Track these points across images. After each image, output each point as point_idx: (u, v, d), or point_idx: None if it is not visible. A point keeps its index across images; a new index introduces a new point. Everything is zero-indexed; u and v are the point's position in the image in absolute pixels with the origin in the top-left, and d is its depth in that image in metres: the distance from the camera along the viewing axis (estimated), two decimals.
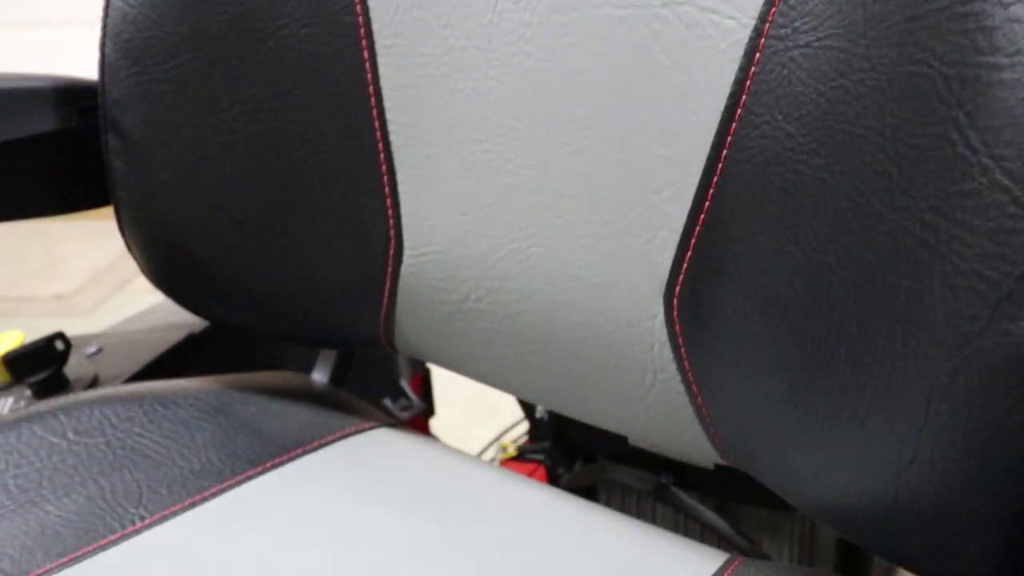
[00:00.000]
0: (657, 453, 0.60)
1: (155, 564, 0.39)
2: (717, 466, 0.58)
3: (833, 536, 0.57)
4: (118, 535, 0.40)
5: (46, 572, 0.38)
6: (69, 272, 2.13)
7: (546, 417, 0.67)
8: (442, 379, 0.90)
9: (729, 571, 0.40)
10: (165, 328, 0.62)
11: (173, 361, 0.59)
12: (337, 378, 0.58)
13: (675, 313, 0.38)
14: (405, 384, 0.76)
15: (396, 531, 0.42)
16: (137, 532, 0.41)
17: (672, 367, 0.39)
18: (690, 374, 0.39)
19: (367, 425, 0.52)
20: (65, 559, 0.39)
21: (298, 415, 0.51)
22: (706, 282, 0.37)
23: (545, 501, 0.46)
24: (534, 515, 0.44)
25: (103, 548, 0.40)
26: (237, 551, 0.40)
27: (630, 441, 0.61)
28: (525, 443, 0.73)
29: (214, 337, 0.62)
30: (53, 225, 2.46)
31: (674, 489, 0.59)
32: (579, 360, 0.42)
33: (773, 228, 0.33)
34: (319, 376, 0.58)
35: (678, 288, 0.38)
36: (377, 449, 0.49)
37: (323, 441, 0.49)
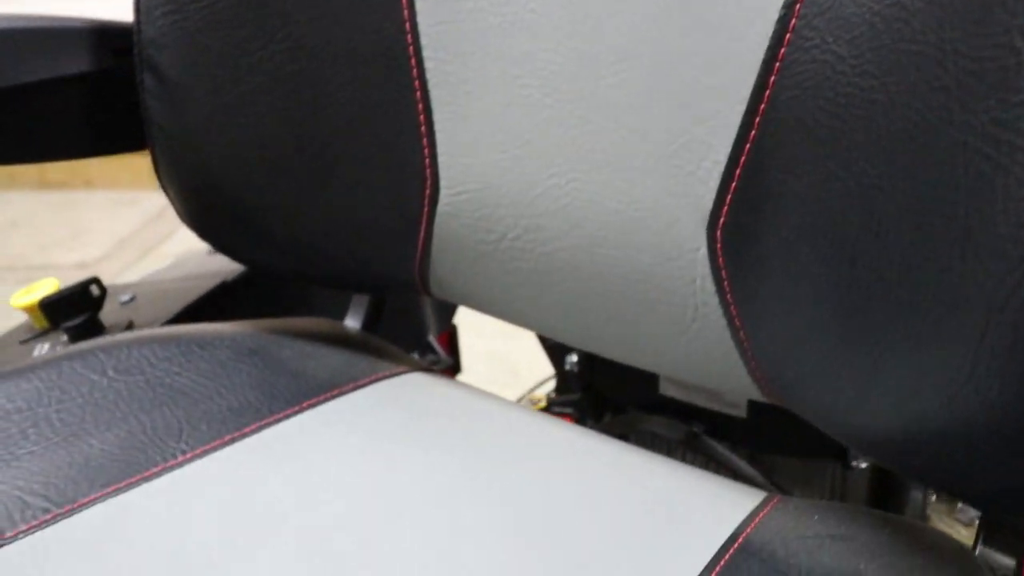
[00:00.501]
0: (688, 402, 0.60)
1: (198, 494, 0.39)
2: (749, 414, 0.58)
3: (865, 483, 0.57)
4: (160, 467, 0.41)
5: (92, 501, 0.38)
6: (92, 241, 2.15)
7: (576, 369, 0.67)
8: (463, 341, 0.90)
9: (768, 508, 0.40)
10: (197, 277, 0.62)
11: (206, 308, 0.59)
12: (369, 326, 0.58)
13: (718, 245, 0.38)
14: (432, 339, 0.76)
15: (432, 468, 0.42)
16: (179, 465, 0.41)
17: (714, 301, 0.39)
18: (732, 307, 0.38)
19: (401, 369, 0.52)
20: (110, 489, 0.39)
21: (333, 358, 0.51)
22: (751, 212, 0.36)
23: (582, 442, 0.46)
24: (571, 455, 0.44)
25: (147, 479, 0.40)
26: (277, 483, 0.40)
27: (661, 390, 0.61)
28: (553, 397, 0.73)
29: (247, 285, 0.62)
30: (75, 195, 2.48)
31: (705, 438, 0.59)
32: (618, 297, 0.42)
33: (821, 154, 0.33)
34: (351, 323, 0.58)
35: (722, 220, 0.37)
36: (412, 391, 0.50)
37: (358, 383, 0.49)
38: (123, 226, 2.24)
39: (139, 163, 2.47)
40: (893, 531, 0.37)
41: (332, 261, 0.50)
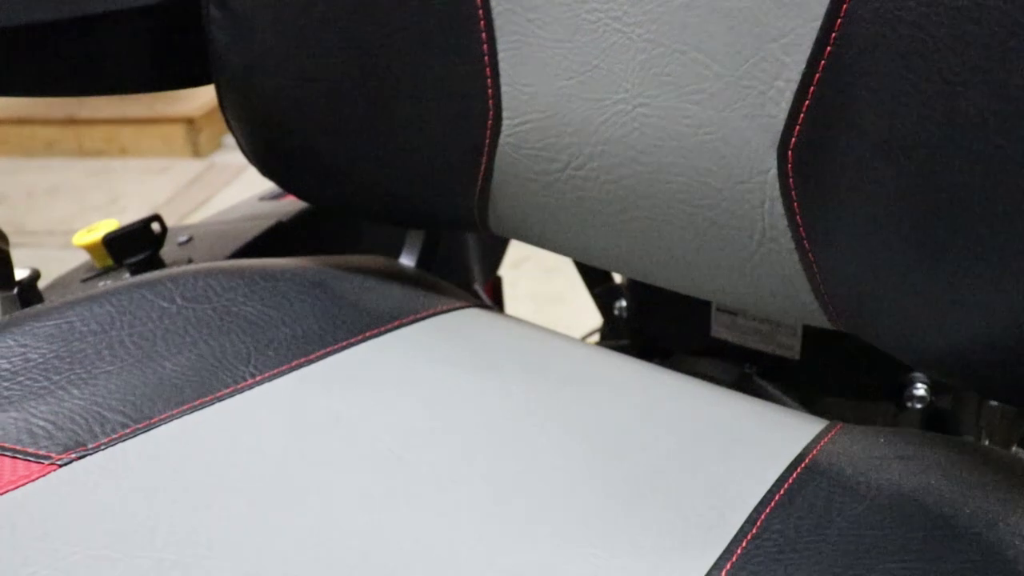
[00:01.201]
0: (740, 344, 0.60)
1: (267, 414, 0.40)
2: (803, 355, 0.58)
3: (918, 425, 0.57)
4: (231, 388, 0.42)
5: (167, 418, 0.39)
6: (129, 207, 2.18)
7: (624, 315, 0.67)
8: (505, 295, 0.90)
9: (832, 433, 0.40)
10: (253, 218, 0.63)
11: (262, 248, 0.60)
12: (423, 264, 0.58)
13: (789, 166, 0.38)
14: (479, 288, 0.77)
15: (495, 394, 0.43)
16: (248, 387, 0.42)
17: (783, 223, 0.39)
18: (802, 229, 0.38)
19: (459, 304, 0.52)
20: (184, 407, 0.40)
21: (391, 292, 0.52)
22: (825, 131, 0.36)
23: (644, 372, 0.46)
24: (633, 383, 0.45)
25: (218, 399, 0.41)
26: (344, 406, 0.41)
27: (712, 333, 0.61)
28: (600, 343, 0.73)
29: (302, 226, 0.63)
30: (112, 163, 2.51)
31: (758, 379, 0.59)
32: (682, 224, 0.42)
33: (901, 66, 0.33)
34: (406, 261, 0.58)
35: (794, 140, 0.37)
36: (472, 325, 0.50)
37: (418, 316, 0.50)
38: (158, 193, 2.26)
39: (172, 132, 2.50)
40: (961, 452, 0.37)
41: (392, 196, 0.51)
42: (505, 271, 0.86)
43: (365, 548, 0.32)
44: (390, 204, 0.51)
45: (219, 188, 2.24)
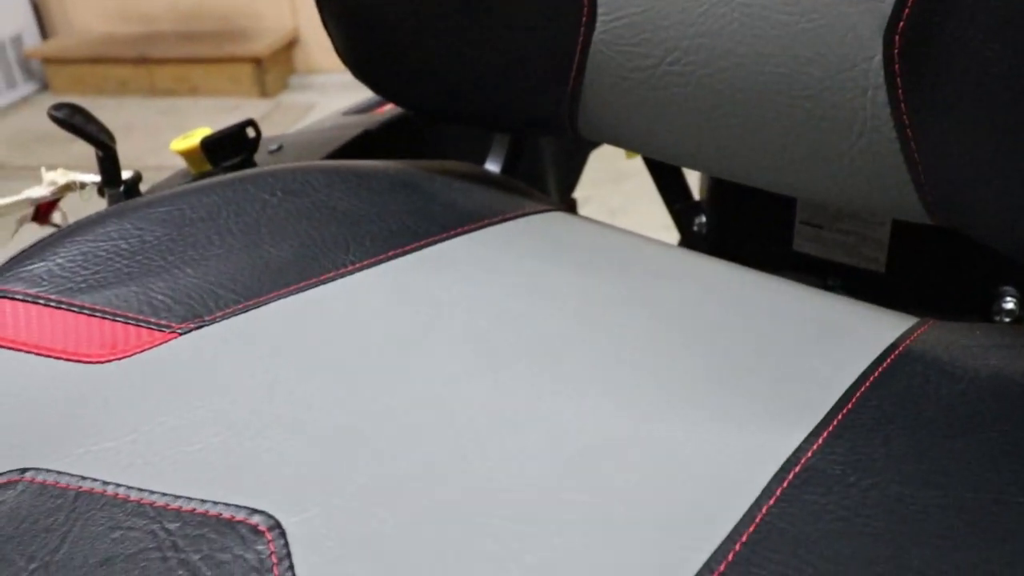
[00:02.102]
0: (824, 257, 0.60)
1: (367, 297, 0.42)
2: (887, 268, 0.57)
3: None
4: (332, 273, 0.43)
5: (274, 297, 0.41)
6: None
7: (703, 231, 0.67)
8: None
9: (926, 327, 0.40)
10: (341, 127, 0.65)
11: (350, 155, 0.62)
12: (508, 170, 0.59)
13: (895, 51, 0.37)
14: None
15: (584, 285, 0.43)
16: (348, 273, 0.44)
17: (885, 113, 0.39)
18: (905, 117, 0.38)
19: (548, 207, 0.53)
20: (289, 288, 0.42)
21: (480, 194, 0.53)
22: (935, 13, 0.35)
23: (732, 271, 0.47)
24: (723, 280, 0.45)
25: (321, 283, 0.43)
26: (439, 291, 0.42)
27: (795, 247, 0.61)
28: None
29: (389, 134, 0.64)
30: (182, 102, 2.56)
31: (842, 293, 0.59)
32: (779, 118, 0.42)
33: None
34: (491, 167, 0.59)
35: (901, 24, 0.37)
36: (561, 226, 0.51)
37: (506, 216, 0.51)
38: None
39: (241, 72, 2.53)
40: None
41: (483, 97, 0.52)
42: None
43: (457, 414, 0.34)
44: (481, 106, 0.52)
45: (286, 127, 2.27)
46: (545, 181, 0.78)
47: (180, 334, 0.39)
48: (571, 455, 0.31)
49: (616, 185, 1.66)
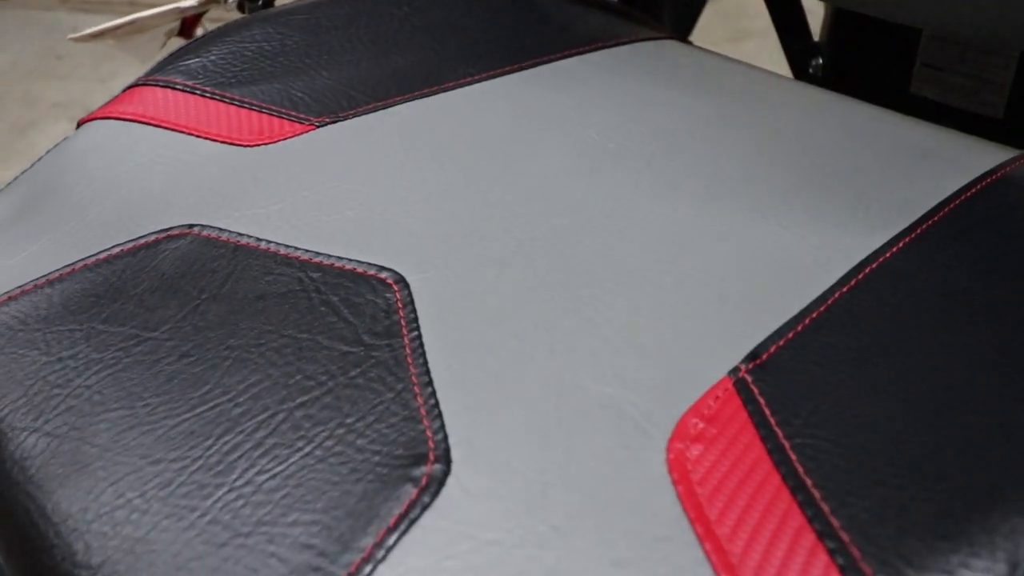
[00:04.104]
0: (941, 101, 0.59)
1: (487, 104, 0.45)
2: (1006, 113, 0.56)
3: None
4: (454, 83, 0.46)
5: (401, 100, 0.45)
6: None
7: (820, 72, 0.66)
8: None
9: (1023, 161, 0.40)
10: None
11: None
12: (627, 2, 0.60)
13: None
14: None
15: (695, 105, 0.45)
16: (469, 83, 0.47)
17: None
18: None
19: (663, 35, 0.54)
20: (415, 93, 0.45)
21: (597, 18, 0.54)
22: None
23: (842, 102, 0.47)
24: (829, 110, 0.46)
25: (444, 90, 0.46)
26: (554, 104, 0.45)
27: (913, 90, 0.60)
28: None
29: None
30: None
31: None
32: None
33: None
34: None
35: None
36: (674, 53, 0.52)
37: (621, 40, 0.52)
38: None
39: None
40: None
41: None
42: None
43: (561, 207, 0.37)
44: None
45: None
46: (661, 18, 0.78)
47: (317, 127, 0.43)
48: (660, 246, 0.34)
49: (735, 44, 1.60)
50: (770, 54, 0.68)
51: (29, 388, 0.32)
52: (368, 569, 0.24)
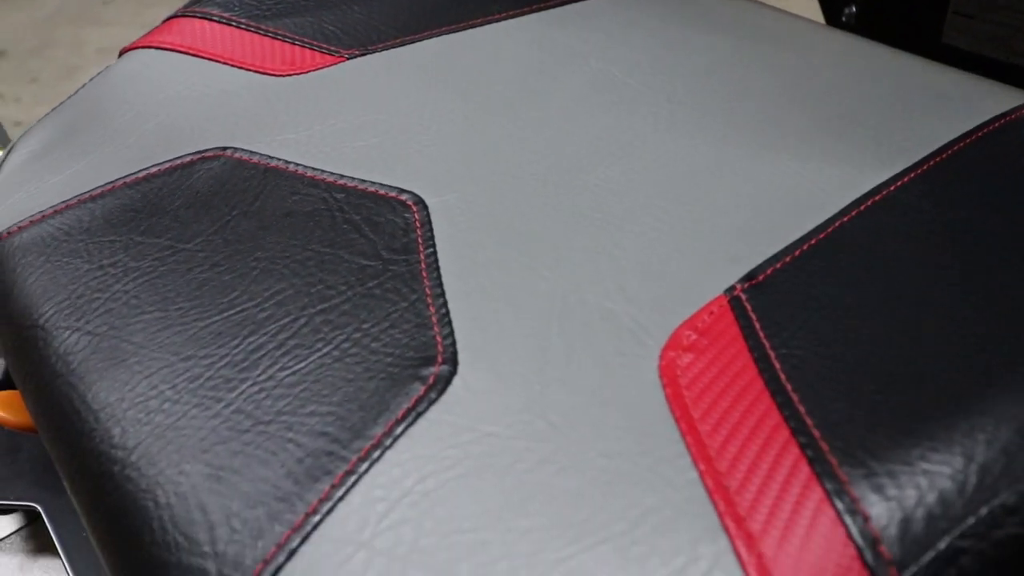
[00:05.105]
0: (973, 51, 0.58)
1: (513, 40, 0.46)
2: None
3: None
4: (480, 20, 0.47)
5: (429, 35, 0.46)
6: None
7: (852, 21, 0.66)
8: None
9: None
10: None
11: None
12: None
13: None
14: None
15: (715, 47, 0.46)
16: (495, 20, 0.48)
17: None
18: None
19: None
20: (443, 28, 0.47)
21: None
22: None
23: (867, 46, 0.47)
24: (853, 53, 0.46)
25: (471, 27, 0.47)
26: (578, 41, 0.46)
27: (944, 39, 0.60)
28: None
29: None
30: None
31: None
32: None
33: None
34: None
35: None
36: None
37: None
38: None
39: None
40: None
41: None
42: None
43: (578, 139, 0.38)
44: None
45: None
46: None
47: (347, 58, 0.44)
48: (672, 176, 0.36)
49: None
50: (803, 3, 0.68)
51: (72, 292, 0.34)
52: (377, 454, 0.26)
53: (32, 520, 0.46)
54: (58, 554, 0.42)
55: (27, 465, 0.44)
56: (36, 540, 0.45)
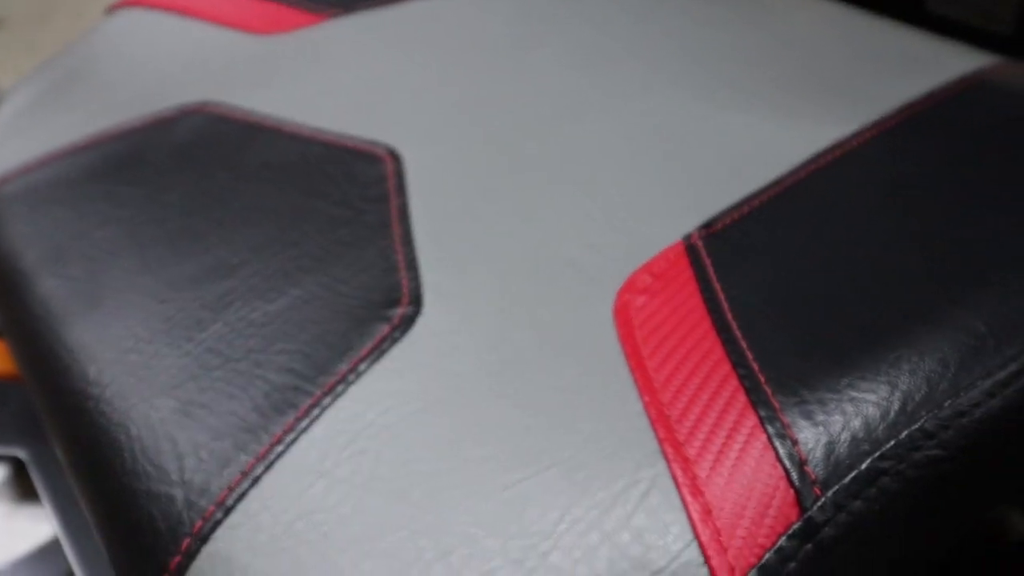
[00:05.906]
0: (957, 19, 0.59)
1: (493, 7, 0.46)
2: (1017, 32, 0.56)
3: None
4: None
5: None
6: None
7: None
8: None
9: (1005, 67, 0.41)
10: None
11: None
12: None
13: None
14: None
15: (689, 11, 0.46)
16: None
17: None
18: None
19: None
20: None
21: None
22: None
23: (838, 9, 0.48)
24: (823, 15, 0.47)
25: None
26: (559, 7, 0.46)
27: (928, 8, 0.60)
28: None
29: None
30: None
31: None
32: None
33: None
34: None
35: None
36: None
37: None
38: None
39: None
40: None
41: None
42: None
43: (555, 97, 0.39)
44: None
45: None
46: None
47: (329, 18, 0.45)
48: (643, 132, 0.36)
49: None
50: None
51: (53, 239, 0.35)
52: (340, 389, 0.27)
53: (17, 469, 0.47)
54: (42, 502, 0.43)
55: (12, 416, 0.46)
56: (20, 488, 0.46)
